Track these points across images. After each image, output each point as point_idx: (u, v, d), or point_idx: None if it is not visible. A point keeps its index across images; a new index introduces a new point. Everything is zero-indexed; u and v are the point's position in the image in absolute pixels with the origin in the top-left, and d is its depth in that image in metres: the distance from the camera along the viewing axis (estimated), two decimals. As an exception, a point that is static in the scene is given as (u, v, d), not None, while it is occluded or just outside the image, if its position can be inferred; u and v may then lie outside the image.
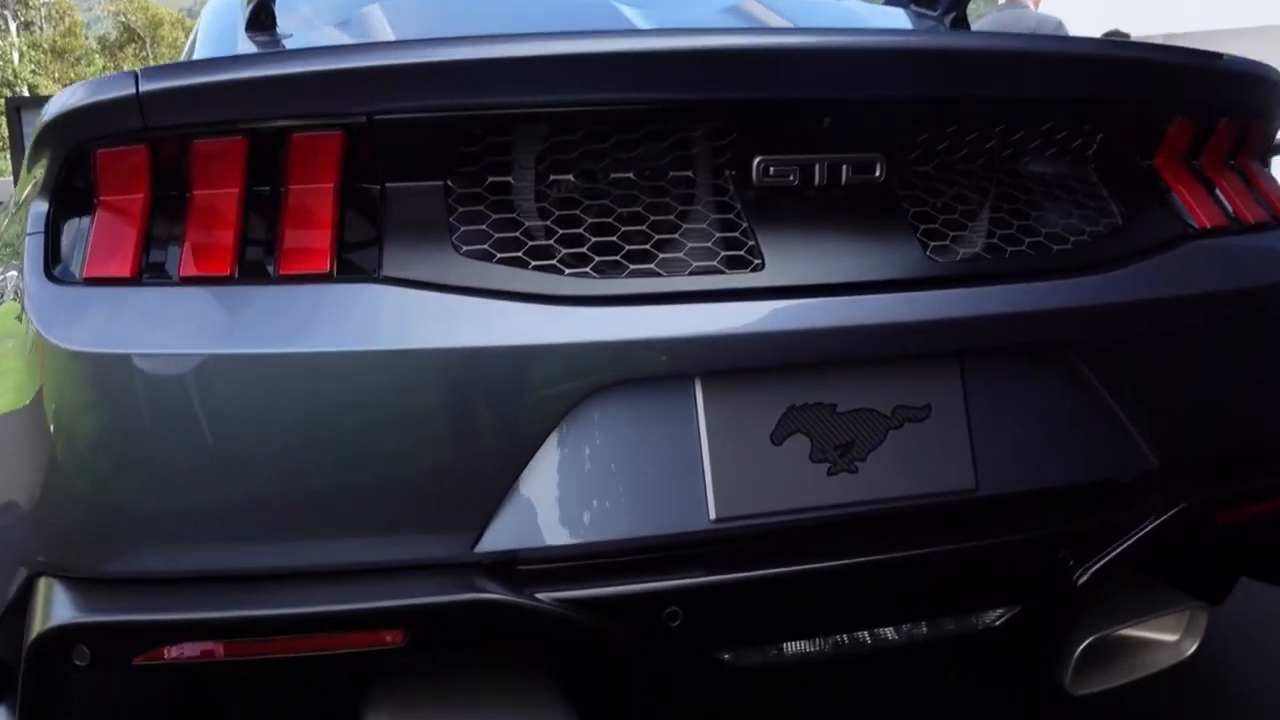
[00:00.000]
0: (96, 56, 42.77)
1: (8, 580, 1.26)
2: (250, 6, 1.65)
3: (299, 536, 1.14)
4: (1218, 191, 1.53)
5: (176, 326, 1.13)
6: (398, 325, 1.14)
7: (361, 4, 1.82)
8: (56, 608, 1.14)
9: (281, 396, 1.11)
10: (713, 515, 1.21)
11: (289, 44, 1.64)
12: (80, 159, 1.17)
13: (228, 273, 1.15)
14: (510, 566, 1.17)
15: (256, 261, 1.16)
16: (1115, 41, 1.63)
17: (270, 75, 1.14)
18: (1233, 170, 1.57)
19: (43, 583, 1.18)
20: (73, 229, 1.18)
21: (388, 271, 1.16)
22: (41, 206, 1.20)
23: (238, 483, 1.13)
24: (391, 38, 1.63)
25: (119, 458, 1.12)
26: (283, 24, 1.70)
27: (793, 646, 1.29)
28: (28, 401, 1.16)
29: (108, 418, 1.11)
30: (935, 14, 2.11)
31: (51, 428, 1.13)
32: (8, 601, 1.27)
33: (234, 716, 1.91)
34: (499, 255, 1.19)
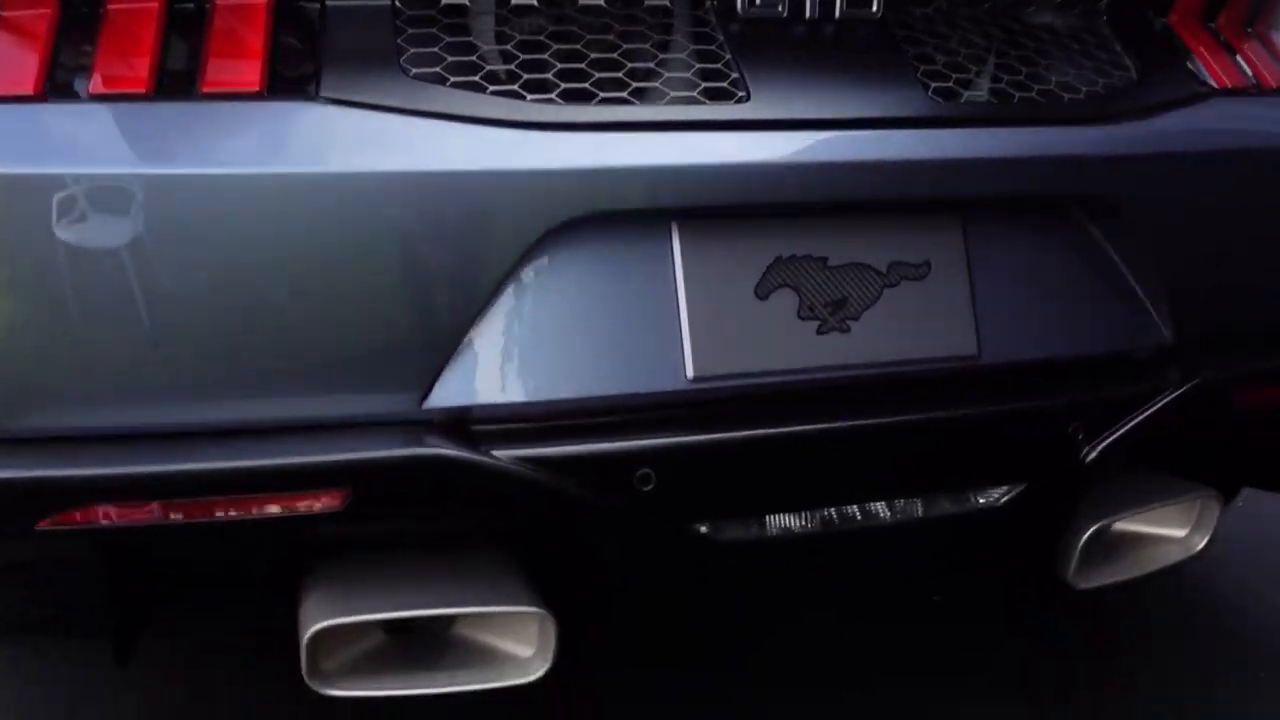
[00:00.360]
0: None
1: None
2: None
3: (226, 388, 1.01)
4: (1236, 55, 1.41)
5: (86, 147, 0.99)
6: (337, 149, 1.01)
7: None
8: None
9: (200, 226, 0.98)
10: (690, 374, 1.09)
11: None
12: None
13: (144, 90, 1.01)
14: (463, 424, 1.05)
15: (178, 77, 1.02)
16: None
17: None
18: (1251, 35, 1.45)
19: None
20: None
21: (327, 92, 1.03)
22: None
23: (157, 325, 0.99)
24: None
25: (20, 294, 0.98)
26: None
27: (776, 523, 1.17)
28: None
29: (7, 248, 0.98)
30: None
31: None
32: None
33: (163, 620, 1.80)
34: (451, 79, 1.06)
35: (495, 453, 1.01)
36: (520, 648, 1.15)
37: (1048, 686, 1.57)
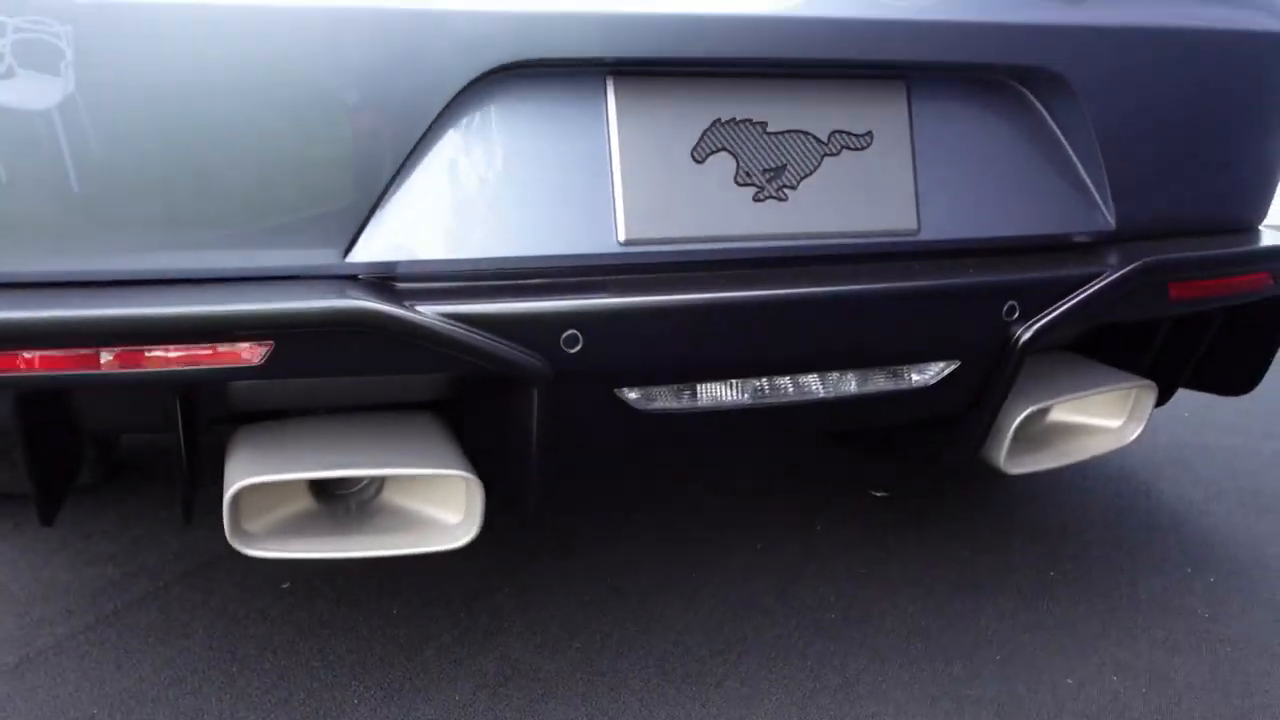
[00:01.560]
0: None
1: None
2: None
3: (151, 236, 0.98)
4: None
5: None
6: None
7: None
8: None
9: (119, 63, 0.93)
10: (621, 237, 1.07)
11: None
12: None
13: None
14: (387, 280, 1.02)
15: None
16: None
17: None
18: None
19: None
20: None
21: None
22: None
23: (80, 170, 0.95)
24: None
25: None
26: None
27: (706, 392, 1.16)
28: None
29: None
30: None
31: None
32: None
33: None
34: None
35: (419, 308, 0.98)
36: (448, 514, 1.14)
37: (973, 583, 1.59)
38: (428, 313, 0.99)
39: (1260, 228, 1.50)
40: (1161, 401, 1.61)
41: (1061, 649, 1.39)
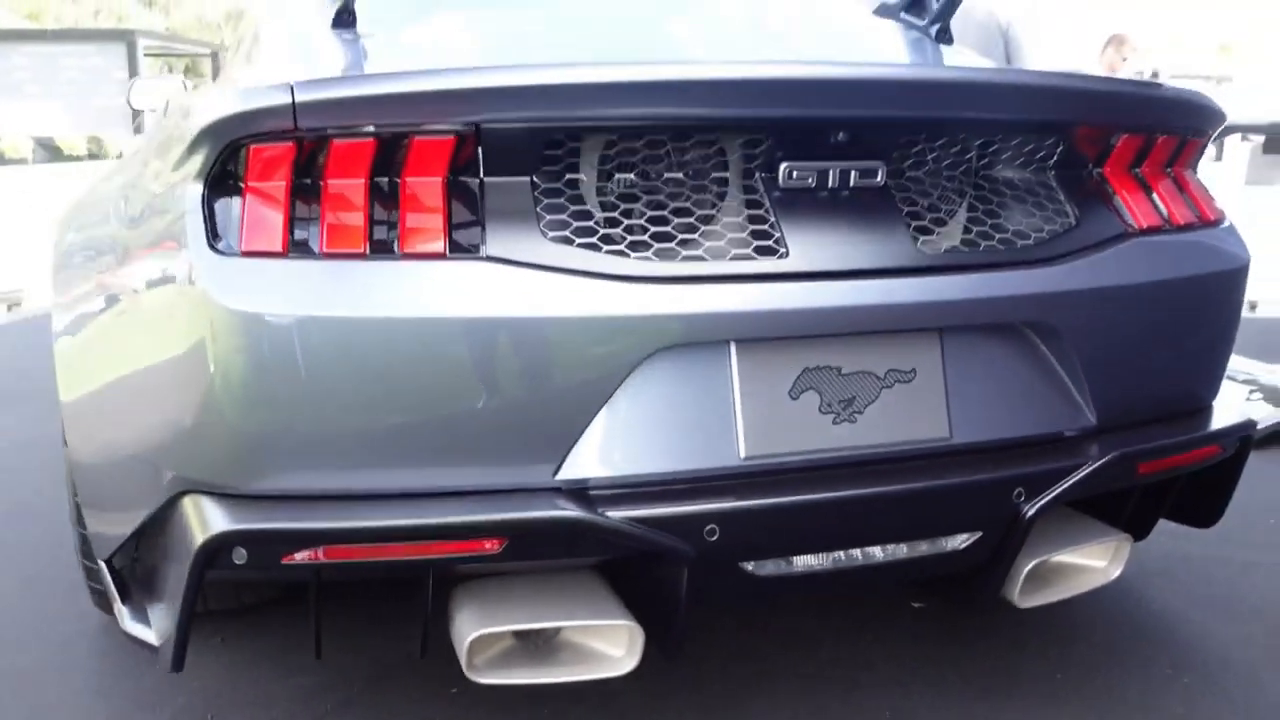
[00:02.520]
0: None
1: (146, 499, 1.54)
2: (336, 7, 1.90)
3: (418, 465, 1.43)
4: (1155, 196, 1.84)
5: (321, 292, 1.40)
6: (498, 296, 1.42)
7: (421, 5, 2.08)
8: (213, 519, 1.42)
9: (404, 352, 1.40)
10: (743, 454, 1.52)
11: (371, 43, 1.89)
12: (234, 152, 1.42)
13: (360, 250, 1.42)
14: (584, 491, 1.47)
15: (383, 241, 1.43)
16: (1073, 74, 1.93)
17: (402, 91, 1.41)
18: (1169, 177, 1.88)
19: (190, 500, 1.46)
20: (226, 209, 1.44)
21: (489, 252, 1.44)
22: (196, 189, 1.45)
23: (370, 419, 1.41)
24: (466, 47, 1.89)
25: (273, 398, 1.40)
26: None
27: (801, 562, 1.60)
28: (184, 350, 1.43)
29: (265, 365, 1.39)
30: (923, 23, 2.40)
31: (214, 374, 1.39)
32: (148, 517, 1.55)
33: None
34: (577, 241, 1.47)
35: (609, 513, 1.43)
36: (614, 649, 1.57)
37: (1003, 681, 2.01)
38: (615, 517, 1.44)
39: (1213, 403, 1.94)
40: (1140, 538, 2.04)
41: (1066, 742, 1.80)
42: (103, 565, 1.75)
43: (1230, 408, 1.93)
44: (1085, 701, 1.93)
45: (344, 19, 1.91)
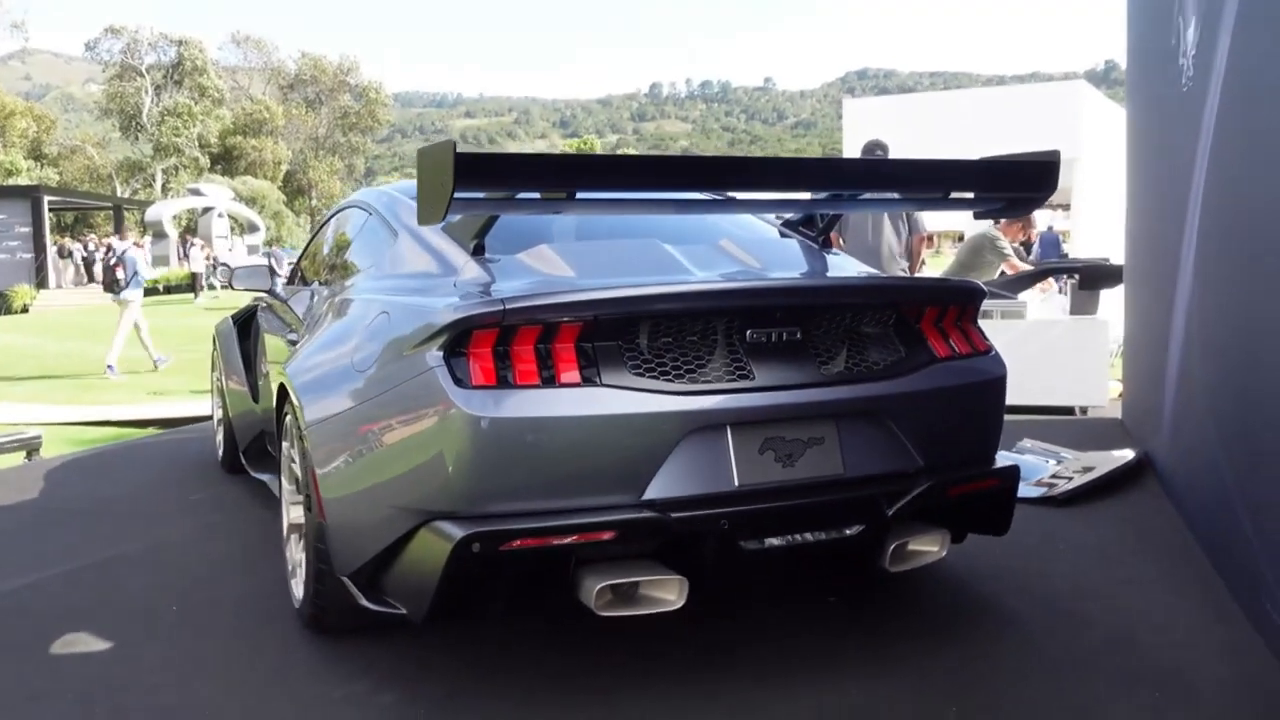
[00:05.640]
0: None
1: (391, 529, 2.82)
2: (473, 241, 3.26)
3: (567, 495, 2.74)
4: (949, 338, 3.29)
5: (516, 404, 2.72)
6: (608, 403, 2.76)
7: (523, 236, 3.45)
8: (458, 529, 2.69)
9: (559, 434, 2.72)
10: (736, 483, 2.85)
11: (499, 268, 3.23)
12: (464, 332, 2.75)
13: (536, 382, 2.75)
14: (657, 504, 2.78)
15: (548, 377, 2.77)
16: (906, 277, 3.41)
17: (558, 303, 2.76)
18: (957, 327, 3.34)
19: (428, 528, 2.74)
20: (460, 363, 2.76)
21: (603, 380, 2.78)
22: (436, 353, 2.78)
23: (540, 471, 2.72)
24: (564, 272, 3.24)
25: (490, 460, 2.69)
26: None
27: (769, 541, 2.94)
28: (435, 437, 2.73)
29: (487, 443, 2.69)
30: (814, 236, 3.90)
31: (458, 449, 2.68)
32: (394, 540, 2.83)
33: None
34: (645, 373, 2.83)
35: (670, 515, 2.75)
36: (670, 595, 2.86)
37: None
38: (674, 516, 2.76)
39: (995, 455, 3.37)
40: (958, 540, 3.44)
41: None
42: (346, 580, 3.00)
43: (1004, 459, 3.37)
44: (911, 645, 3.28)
45: (479, 248, 3.28)
